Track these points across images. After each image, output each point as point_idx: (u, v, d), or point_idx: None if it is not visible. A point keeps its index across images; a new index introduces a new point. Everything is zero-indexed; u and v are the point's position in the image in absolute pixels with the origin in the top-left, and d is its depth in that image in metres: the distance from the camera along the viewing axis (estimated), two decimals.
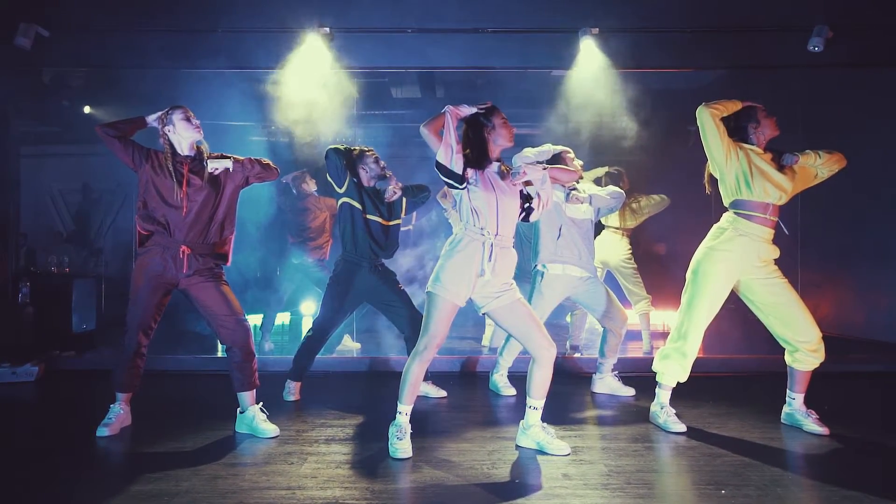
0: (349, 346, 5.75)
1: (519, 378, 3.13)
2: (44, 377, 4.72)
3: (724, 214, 3.42)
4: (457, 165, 2.90)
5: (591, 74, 5.28)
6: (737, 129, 3.38)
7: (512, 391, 4.27)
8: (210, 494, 2.52)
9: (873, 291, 5.98)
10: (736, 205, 3.35)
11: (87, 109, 7.14)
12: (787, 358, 3.40)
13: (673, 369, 3.41)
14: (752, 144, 3.36)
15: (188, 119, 3.31)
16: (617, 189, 4.26)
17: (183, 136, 3.30)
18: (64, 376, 4.81)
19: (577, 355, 5.32)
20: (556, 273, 4.06)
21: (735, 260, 3.30)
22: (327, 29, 5.07)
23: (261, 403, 3.40)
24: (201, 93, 6.40)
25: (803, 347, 3.31)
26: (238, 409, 3.39)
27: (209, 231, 3.31)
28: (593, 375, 4.38)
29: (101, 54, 5.25)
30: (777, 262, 3.40)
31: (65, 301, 5.46)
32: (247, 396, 3.36)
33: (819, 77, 5.91)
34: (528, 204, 3.05)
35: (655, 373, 3.51)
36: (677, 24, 5.08)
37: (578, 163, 4.09)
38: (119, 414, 3.36)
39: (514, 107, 7.54)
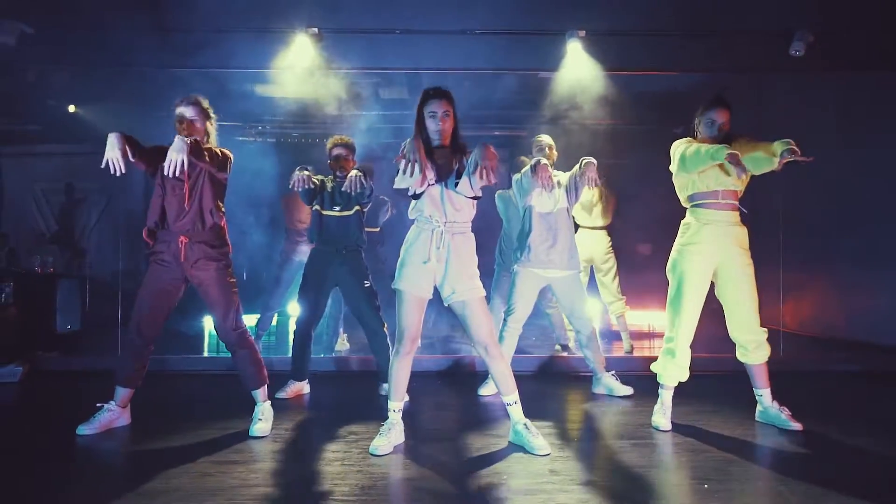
0: (340, 345, 5.73)
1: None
2: (28, 378, 4.67)
3: (687, 212, 3.52)
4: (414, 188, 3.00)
5: (578, 76, 5.33)
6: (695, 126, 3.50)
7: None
8: (199, 492, 2.51)
9: (854, 292, 6.04)
10: (692, 199, 3.47)
11: (71, 108, 7.06)
12: (738, 354, 3.49)
13: (670, 370, 3.47)
14: (704, 135, 3.43)
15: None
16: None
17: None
18: (48, 377, 4.77)
19: (565, 354, 5.33)
20: (528, 273, 4.07)
21: (708, 251, 3.38)
22: (316, 29, 5.07)
23: (268, 402, 3.47)
24: (187, 93, 6.36)
25: (748, 346, 3.42)
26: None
27: (203, 219, 3.31)
28: (592, 378, 4.37)
29: (86, 53, 5.20)
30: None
31: (49, 301, 5.42)
32: (257, 393, 3.45)
33: (801, 80, 6.01)
34: (456, 179, 2.98)
35: (655, 373, 3.57)
36: (664, 26, 5.14)
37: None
38: (106, 415, 3.36)
39: (501, 108, 7.62)
